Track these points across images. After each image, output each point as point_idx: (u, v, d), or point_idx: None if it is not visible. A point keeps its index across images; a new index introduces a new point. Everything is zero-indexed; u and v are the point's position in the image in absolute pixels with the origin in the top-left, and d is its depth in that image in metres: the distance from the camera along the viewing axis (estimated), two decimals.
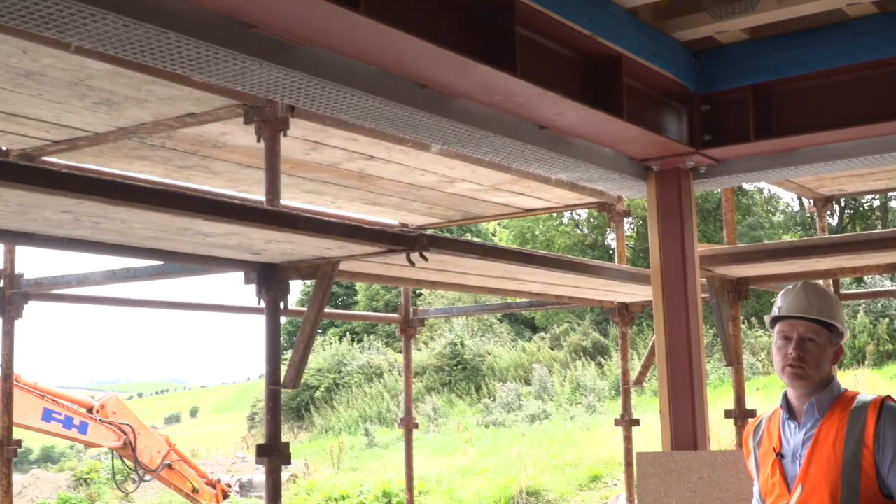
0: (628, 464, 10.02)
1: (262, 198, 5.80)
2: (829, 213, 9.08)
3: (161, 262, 6.12)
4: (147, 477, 13.88)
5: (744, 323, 29.26)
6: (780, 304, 3.84)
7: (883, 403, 3.63)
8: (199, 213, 4.49)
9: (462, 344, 33.91)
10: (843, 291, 10.26)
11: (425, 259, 5.60)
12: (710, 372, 25.33)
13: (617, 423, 10.27)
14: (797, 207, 40.44)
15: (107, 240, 5.15)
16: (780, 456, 3.77)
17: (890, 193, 32.71)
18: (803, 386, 3.73)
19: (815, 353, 3.73)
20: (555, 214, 39.26)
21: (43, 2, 3.25)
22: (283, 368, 5.86)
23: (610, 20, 5.13)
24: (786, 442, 3.79)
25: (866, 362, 26.11)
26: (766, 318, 3.95)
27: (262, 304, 5.94)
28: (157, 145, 6.53)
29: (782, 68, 5.75)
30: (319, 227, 5.07)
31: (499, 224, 41.99)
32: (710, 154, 6.11)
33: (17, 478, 21.19)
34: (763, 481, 3.84)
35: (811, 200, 9.17)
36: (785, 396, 3.83)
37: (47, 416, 11.29)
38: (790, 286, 3.87)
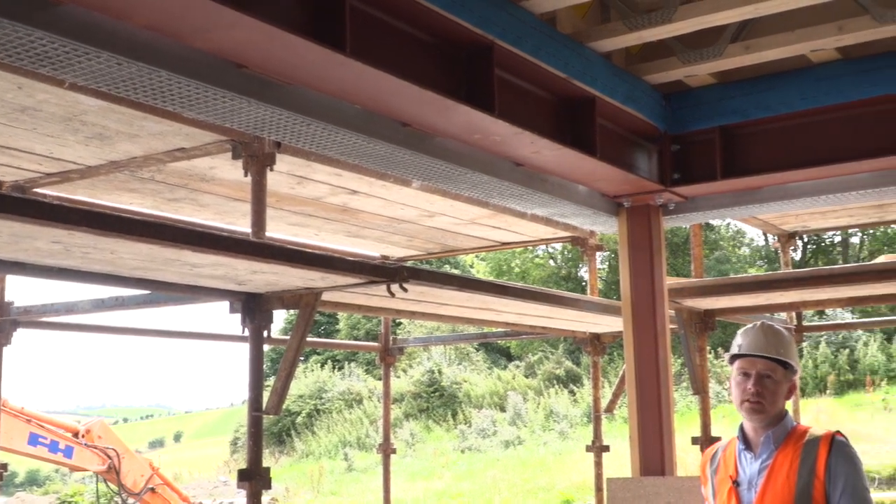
0: (599, 489, 10.18)
1: (249, 230, 5.93)
2: (792, 248, 9.32)
3: (149, 292, 6.23)
4: (130, 500, 13.90)
5: (710, 353, 29.47)
6: (740, 342, 4.05)
7: (833, 438, 3.85)
8: (187, 245, 4.62)
9: (440, 371, 34.12)
10: (805, 324, 10.52)
11: (405, 290, 5.77)
12: (677, 400, 25.57)
13: (588, 449, 10.45)
14: (762, 242, 40.98)
15: (96, 269, 5.26)
16: (736, 484, 3.97)
17: (851, 230, 33.20)
18: (760, 420, 3.94)
19: (772, 389, 3.93)
20: (530, 248, 39.72)
21: (39, 40, 3.38)
22: (266, 395, 5.99)
23: (584, 64, 5.37)
24: (742, 471, 3.99)
25: (827, 391, 26.51)
26: (726, 355, 4.18)
27: (247, 333, 6.07)
28: (147, 178, 6.67)
29: (748, 111, 5.99)
30: (303, 258, 5.21)
31: (476, 256, 42.32)
32: (678, 192, 6.34)
33: (2, 501, 21.15)
34: None
35: (775, 236, 9.42)
36: (741, 428, 4.03)
37: (33, 440, 11.32)
38: (749, 326, 4.09)
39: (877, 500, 15.46)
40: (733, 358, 4.06)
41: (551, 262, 42.64)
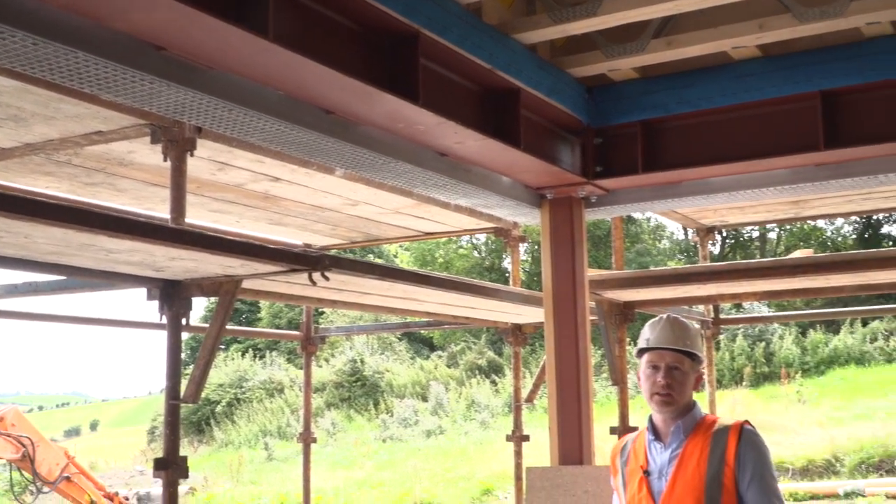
0: (518, 478, 10.26)
1: (168, 216, 5.86)
2: (711, 242, 9.48)
3: (64, 277, 6.12)
4: (45, 489, 13.66)
5: (630, 345, 29.89)
6: (647, 335, 4.14)
7: (742, 427, 3.96)
8: (103, 230, 4.55)
9: (362, 361, 34.06)
10: (722, 316, 10.71)
11: (327, 279, 5.74)
12: (597, 391, 25.90)
13: (508, 438, 10.52)
14: (682, 236, 41.65)
15: (9, 254, 5.16)
16: (646, 473, 4.05)
17: (768, 225, 33.92)
18: (670, 411, 4.01)
19: (681, 381, 4.02)
20: (454, 238, 39.87)
21: None
22: (185, 383, 5.93)
23: (509, 55, 5.38)
24: (652, 461, 4.07)
25: (743, 383, 27.08)
26: (635, 349, 4.25)
27: (164, 320, 5.99)
28: (63, 162, 6.54)
29: (670, 106, 6.07)
30: (223, 245, 5.16)
31: (400, 246, 42.35)
32: (600, 184, 6.40)
33: None
34: (630, 497, 4.13)
35: (695, 230, 9.56)
36: (650, 419, 4.12)
37: None
38: (656, 319, 4.16)
39: (790, 490, 15.84)
40: (641, 351, 4.15)
41: (475, 252, 42.83)
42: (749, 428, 3.98)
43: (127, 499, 21.46)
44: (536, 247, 34.15)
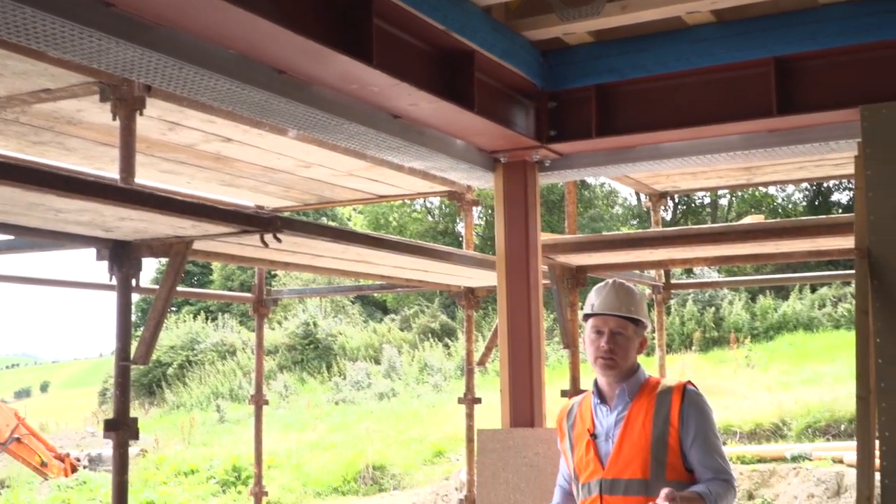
0: (469, 440, 10.31)
1: (117, 176, 5.78)
2: (663, 208, 9.53)
3: (12, 237, 6.04)
4: None
5: (581, 308, 30.23)
6: (593, 301, 4.21)
7: (685, 388, 4.09)
8: (51, 189, 4.49)
9: (315, 324, 33.99)
10: (673, 281, 10.79)
11: (279, 241, 5.71)
12: (548, 354, 26.08)
13: (460, 401, 10.57)
14: (635, 202, 41.95)
15: None
16: (593, 436, 4.15)
17: (720, 191, 34.26)
18: (614, 375, 4.12)
19: (624, 346, 4.12)
20: (408, 202, 39.87)
21: None
22: (136, 345, 5.88)
23: (464, 17, 5.34)
24: (598, 423, 4.17)
25: (693, 348, 27.39)
26: (581, 314, 4.34)
27: (114, 281, 5.94)
28: (10, 120, 6.40)
29: (624, 70, 6.07)
30: (173, 206, 5.11)
31: (354, 209, 42.24)
32: (554, 148, 6.40)
33: None
34: (578, 460, 4.21)
35: (647, 195, 9.61)
36: (595, 383, 4.23)
37: None
38: (601, 284, 4.25)
39: (737, 453, 16.06)
40: (587, 316, 4.23)
41: (429, 216, 42.83)
42: (692, 388, 4.10)
43: (78, 460, 21.40)
44: (490, 211, 34.29)
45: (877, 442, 4.18)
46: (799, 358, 24.05)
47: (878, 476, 4.27)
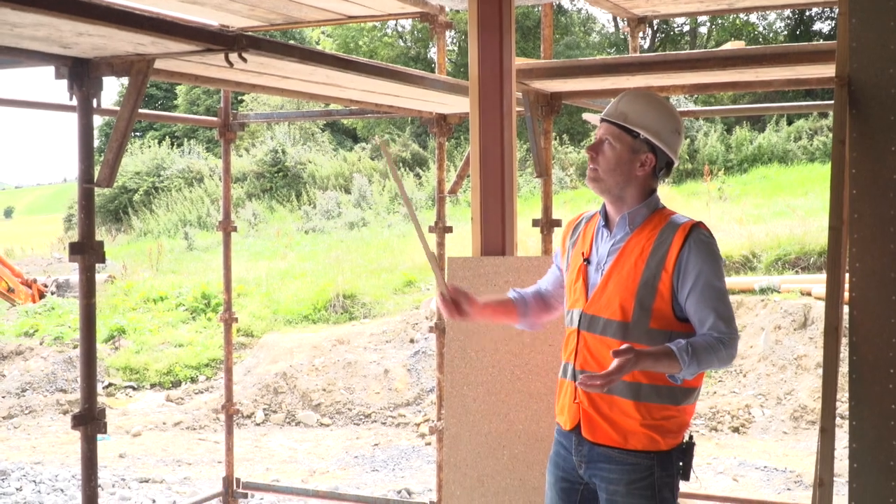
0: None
1: None
2: (641, 35, 9.28)
3: None
4: None
5: (556, 139, 30.15)
6: None
7: (692, 228, 3.55)
8: (5, 1, 4.27)
9: (283, 152, 33.68)
10: None
11: (244, 60, 5.50)
12: (521, 185, 26.11)
13: (431, 230, 10.54)
14: (612, 29, 41.33)
15: None
16: (587, 262, 3.70)
17: (700, 18, 33.72)
18: (597, 189, 3.65)
19: (609, 157, 3.61)
20: (378, 25, 38.96)
21: None
22: (99, 168, 5.73)
23: None
24: (595, 250, 3.71)
25: (667, 180, 27.43)
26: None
27: (75, 101, 5.73)
28: None
29: None
30: (132, 20, 4.86)
31: (322, 32, 41.32)
32: None
33: None
34: (569, 283, 3.80)
35: (625, 20, 9.34)
36: (604, 204, 3.73)
37: None
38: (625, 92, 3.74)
39: None
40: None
41: (400, 41, 41.94)
42: (700, 230, 3.56)
43: (45, 286, 21.44)
44: (464, 37, 33.67)
45: (846, 275, 4.15)
46: (772, 191, 24.18)
47: (846, 308, 4.23)
